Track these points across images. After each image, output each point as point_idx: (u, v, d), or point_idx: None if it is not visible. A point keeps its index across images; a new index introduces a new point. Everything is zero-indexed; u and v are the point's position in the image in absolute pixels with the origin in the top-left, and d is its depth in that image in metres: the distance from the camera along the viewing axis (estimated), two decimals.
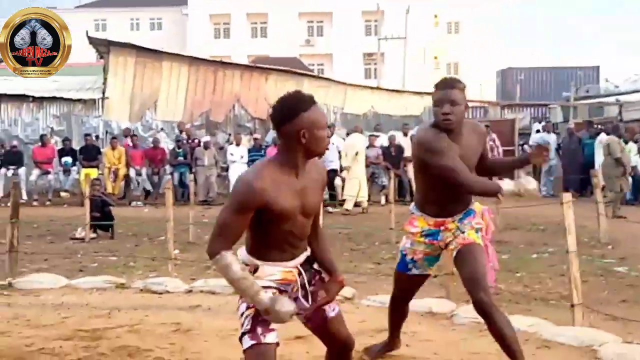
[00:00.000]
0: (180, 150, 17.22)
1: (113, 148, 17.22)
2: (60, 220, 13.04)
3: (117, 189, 16.93)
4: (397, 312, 4.80)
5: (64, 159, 17.22)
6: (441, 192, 4.31)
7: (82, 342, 5.35)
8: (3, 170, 16.74)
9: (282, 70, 20.43)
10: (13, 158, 17.03)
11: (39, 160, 17.15)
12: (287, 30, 50.13)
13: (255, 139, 17.92)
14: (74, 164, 17.15)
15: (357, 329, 5.00)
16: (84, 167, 16.92)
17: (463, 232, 4.33)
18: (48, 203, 16.53)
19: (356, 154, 15.45)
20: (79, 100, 19.13)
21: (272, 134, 17.54)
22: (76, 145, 18.05)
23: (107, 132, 19.10)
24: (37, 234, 11.74)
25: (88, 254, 9.91)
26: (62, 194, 17.36)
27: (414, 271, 4.52)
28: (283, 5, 50.61)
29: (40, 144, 17.56)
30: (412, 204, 4.59)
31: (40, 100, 19.12)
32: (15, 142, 17.78)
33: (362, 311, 6.25)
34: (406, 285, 4.64)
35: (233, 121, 19.25)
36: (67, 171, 17.14)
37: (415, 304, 6.21)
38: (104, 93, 19.17)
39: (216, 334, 5.50)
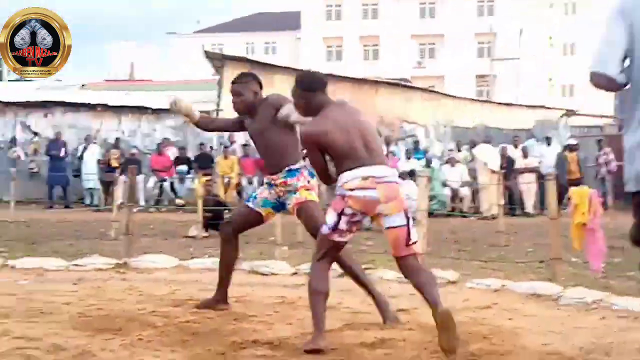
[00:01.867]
0: None
1: (225, 157, 17.71)
2: (175, 223, 13.54)
3: (230, 197, 17.35)
4: (226, 253, 5.57)
5: (179, 167, 17.82)
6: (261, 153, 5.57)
7: (191, 309, 5.57)
8: (123, 177, 17.41)
9: (392, 84, 20.53)
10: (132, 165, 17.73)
11: (156, 168, 17.81)
12: (399, 53, 50.34)
13: None
14: (188, 172, 17.72)
15: (461, 306, 5.40)
16: (198, 175, 17.42)
17: (295, 193, 5.28)
18: (163, 209, 17.11)
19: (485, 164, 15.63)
20: None
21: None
22: (191, 154, 18.64)
23: (220, 142, 19.63)
24: (152, 233, 12.19)
25: (200, 248, 10.22)
26: (177, 200, 17.93)
27: (250, 204, 5.50)
28: (395, 28, 50.88)
29: (157, 152, 18.24)
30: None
31: (158, 112, 19.87)
32: (134, 151, 18.53)
33: (465, 292, 6.27)
34: (242, 214, 5.57)
35: None
36: (182, 179, 17.72)
37: (520, 286, 6.18)
38: (218, 105, 19.74)
39: None
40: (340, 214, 4.34)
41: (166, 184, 17.76)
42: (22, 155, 19.08)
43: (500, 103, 22.34)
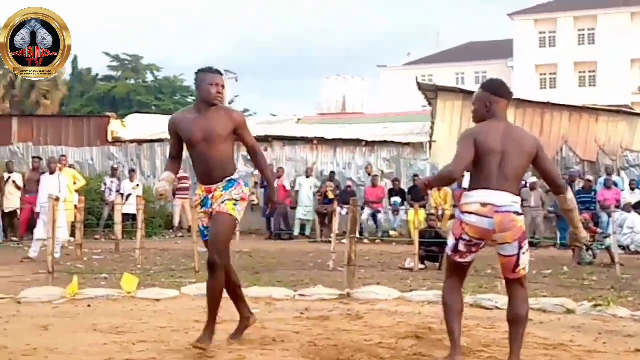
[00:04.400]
0: None
1: (439, 189, 17.61)
2: (390, 254, 13.64)
3: (444, 228, 17.21)
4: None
5: (393, 199, 17.95)
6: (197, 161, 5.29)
7: (417, 341, 5.55)
8: (339, 209, 17.83)
9: (613, 111, 19.55)
10: (347, 197, 18.08)
11: (370, 200, 18.05)
12: (618, 78, 48.01)
13: (587, 181, 17.18)
14: (402, 204, 17.79)
15: None
16: (412, 207, 17.46)
17: (223, 202, 5.15)
18: (378, 241, 17.27)
19: None
20: (407, 144, 19.86)
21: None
22: (404, 186, 18.72)
23: (434, 174, 19.56)
24: (368, 264, 12.32)
25: (417, 280, 10.21)
26: (391, 232, 18.04)
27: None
28: (614, 53, 48.66)
29: (371, 184, 18.49)
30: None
31: (372, 144, 20.16)
32: (349, 183, 18.89)
33: None
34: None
35: (561, 163, 18.72)
36: (396, 211, 17.83)
37: None
38: (431, 137, 19.73)
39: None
40: (458, 239, 4.57)
41: (380, 216, 17.92)
42: None
43: None
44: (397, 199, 17.90)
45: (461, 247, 4.57)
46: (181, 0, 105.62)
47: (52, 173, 12.69)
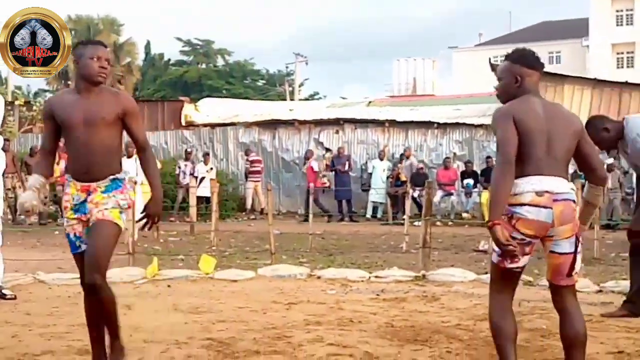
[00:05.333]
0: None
1: None
2: (463, 237, 13.56)
3: None
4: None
5: (465, 181, 17.81)
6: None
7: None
8: (410, 191, 17.79)
9: None
10: (419, 180, 18.02)
11: (443, 182, 17.93)
12: None
13: None
14: (475, 186, 17.63)
15: None
16: (484, 188, 17.29)
17: (107, 209, 4.14)
18: (450, 223, 17.16)
19: None
20: (480, 125, 19.63)
21: None
22: (477, 168, 18.54)
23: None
24: (442, 247, 12.26)
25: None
26: (464, 214, 17.91)
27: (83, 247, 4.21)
28: None
29: (443, 167, 18.37)
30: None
31: (444, 126, 20.01)
32: (421, 165, 18.80)
33: None
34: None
35: None
36: (468, 193, 17.68)
37: None
38: None
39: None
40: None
41: (453, 198, 17.81)
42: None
43: None
44: (470, 181, 17.74)
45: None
46: None
47: (129, 157, 12.94)
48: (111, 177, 4.16)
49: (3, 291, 6.76)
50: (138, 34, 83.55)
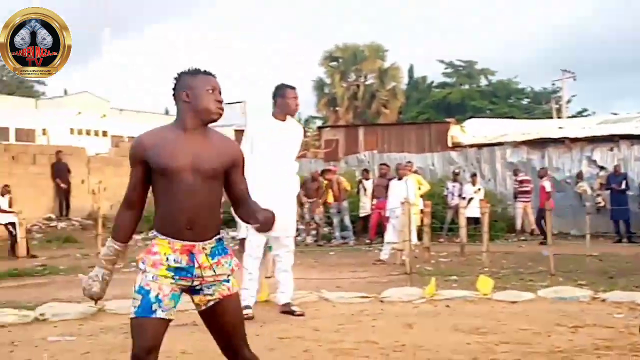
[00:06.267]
0: None
1: None
2: None
3: None
4: None
5: None
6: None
7: None
8: None
9: None
10: None
11: None
12: None
13: None
14: None
15: None
16: None
17: (228, 280, 3.46)
18: None
19: None
20: None
21: None
22: None
23: None
24: None
25: None
26: None
27: (160, 313, 3.34)
28: None
29: None
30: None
31: None
32: None
33: None
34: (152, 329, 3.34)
35: None
36: None
37: None
38: None
39: None
40: None
41: None
42: (589, 189, 19.24)
43: None
44: None
45: None
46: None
47: (400, 179, 13.23)
48: (217, 237, 3.47)
49: (292, 307, 7.17)
50: (402, 59, 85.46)
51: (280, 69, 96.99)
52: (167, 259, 3.33)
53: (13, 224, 14.47)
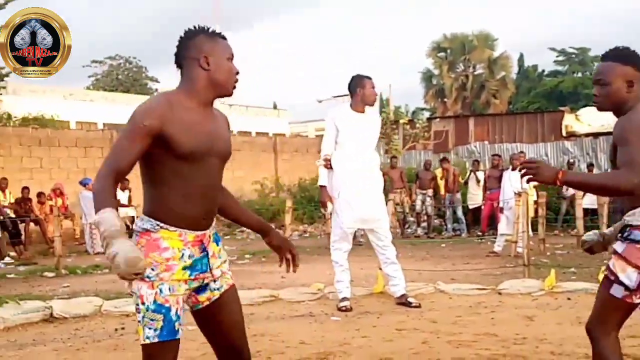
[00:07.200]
0: None
1: None
2: None
3: None
4: None
5: None
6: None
7: None
8: None
9: None
10: None
11: None
12: None
13: None
14: None
15: None
16: None
17: (227, 269, 3.08)
18: None
19: None
20: None
21: None
22: None
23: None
24: None
25: None
26: None
27: (180, 332, 2.89)
28: None
29: None
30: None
31: None
32: None
33: None
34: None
35: None
36: None
37: None
38: None
39: None
40: None
41: None
42: None
43: None
44: None
45: None
46: None
47: (514, 169, 12.96)
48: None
49: (408, 299, 7.13)
50: (512, 47, 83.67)
51: (388, 61, 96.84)
52: (183, 255, 2.86)
53: (132, 218, 14.96)
